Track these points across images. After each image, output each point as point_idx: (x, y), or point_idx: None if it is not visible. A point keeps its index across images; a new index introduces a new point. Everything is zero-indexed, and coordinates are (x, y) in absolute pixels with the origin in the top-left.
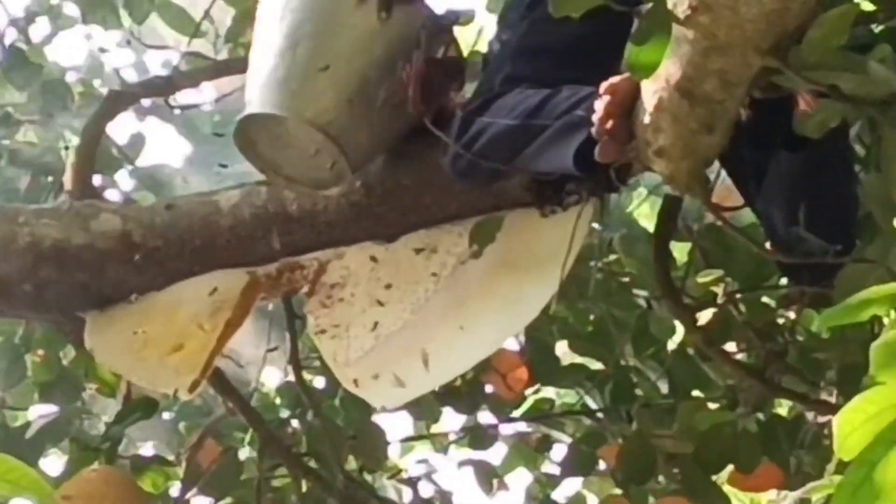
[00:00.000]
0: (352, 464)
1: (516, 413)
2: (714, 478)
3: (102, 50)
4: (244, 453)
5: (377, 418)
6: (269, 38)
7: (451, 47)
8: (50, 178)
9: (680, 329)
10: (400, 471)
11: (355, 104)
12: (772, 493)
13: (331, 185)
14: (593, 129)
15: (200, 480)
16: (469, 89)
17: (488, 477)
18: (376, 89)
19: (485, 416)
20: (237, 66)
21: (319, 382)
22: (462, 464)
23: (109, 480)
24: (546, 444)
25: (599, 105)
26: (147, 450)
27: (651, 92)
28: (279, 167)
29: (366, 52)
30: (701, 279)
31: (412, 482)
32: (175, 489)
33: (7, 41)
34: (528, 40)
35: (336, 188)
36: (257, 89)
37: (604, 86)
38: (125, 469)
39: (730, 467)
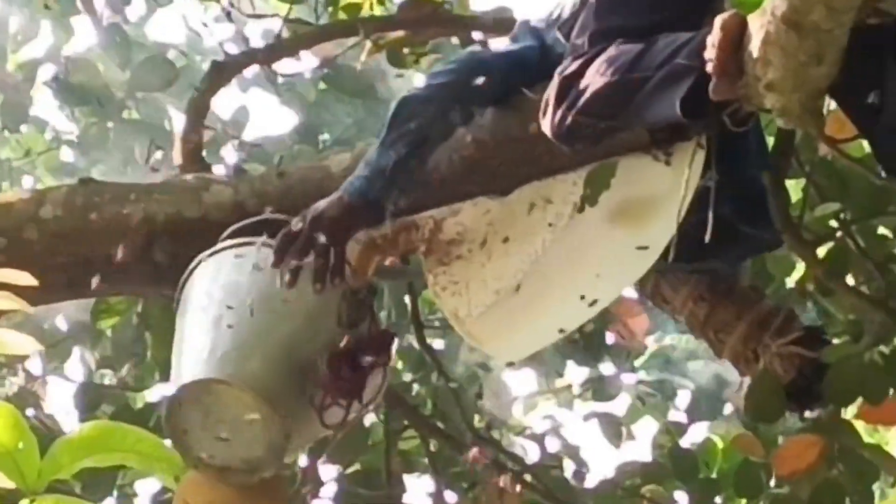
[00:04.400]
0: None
1: (638, 362)
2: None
3: (204, 25)
4: (368, 418)
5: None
6: (194, 322)
7: (373, 319)
8: (158, 154)
9: (798, 266)
10: (525, 428)
11: (284, 373)
12: None
13: (267, 463)
14: (708, 66)
15: (327, 448)
16: None
17: (615, 428)
18: (303, 362)
19: (606, 368)
20: (340, 30)
21: (438, 344)
22: (588, 417)
23: None
24: (670, 391)
25: (712, 41)
26: None
27: (758, 26)
28: (212, 455)
29: (288, 322)
30: (818, 213)
31: (539, 438)
32: (303, 458)
33: (104, 22)
34: None
35: (273, 468)
36: (184, 368)
37: (717, 21)
38: None
39: (858, 401)
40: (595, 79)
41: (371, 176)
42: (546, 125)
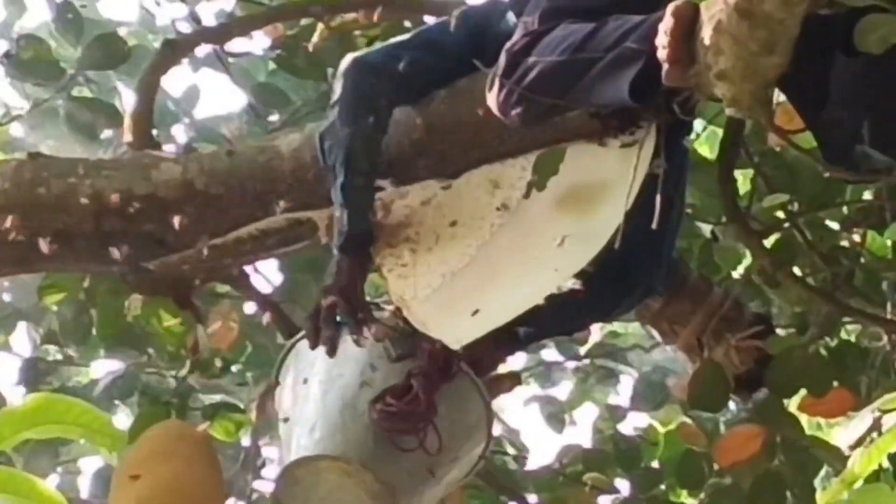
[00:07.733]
0: None
1: (582, 349)
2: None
3: (157, 3)
4: None
5: None
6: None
7: (422, 338)
8: (108, 132)
9: (745, 258)
10: None
11: (351, 425)
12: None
13: None
14: (659, 53)
15: (271, 430)
16: None
17: (556, 413)
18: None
19: (549, 354)
20: (292, 11)
21: None
22: (528, 401)
23: (180, 435)
24: (613, 378)
25: (664, 28)
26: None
27: (710, 14)
28: None
29: (341, 379)
30: (766, 203)
31: None
32: (246, 440)
33: None
34: None
35: None
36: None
37: (669, 9)
38: (194, 425)
39: (801, 393)
40: (543, 57)
41: (345, 204)
42: (492, 100)
